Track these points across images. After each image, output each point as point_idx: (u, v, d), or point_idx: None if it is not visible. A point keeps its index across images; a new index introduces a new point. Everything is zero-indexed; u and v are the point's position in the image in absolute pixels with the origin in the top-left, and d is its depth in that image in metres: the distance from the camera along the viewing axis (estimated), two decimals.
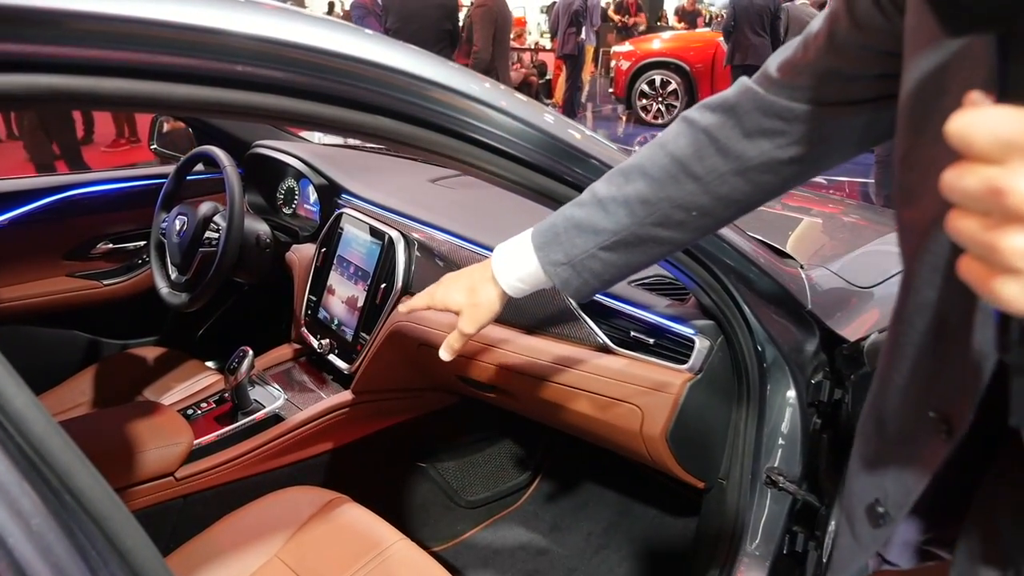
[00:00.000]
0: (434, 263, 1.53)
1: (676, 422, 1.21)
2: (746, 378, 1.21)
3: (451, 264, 1.49)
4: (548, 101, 10.65)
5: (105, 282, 2.14)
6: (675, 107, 9.27)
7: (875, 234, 1.70)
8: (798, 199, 2.17)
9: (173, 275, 1.88)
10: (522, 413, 1.56)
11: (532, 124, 0.87)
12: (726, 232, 1.05)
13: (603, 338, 1.29)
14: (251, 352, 1.58)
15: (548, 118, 0.91)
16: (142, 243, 2.17)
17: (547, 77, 11.14)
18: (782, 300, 1.17)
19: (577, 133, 0.94)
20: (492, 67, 6.03)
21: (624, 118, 10.21)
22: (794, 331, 1.20)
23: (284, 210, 2.16)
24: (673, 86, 9.22)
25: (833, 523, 1.18)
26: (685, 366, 1.21)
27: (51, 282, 2.06)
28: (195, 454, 1.47)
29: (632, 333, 1.26)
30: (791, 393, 1.24)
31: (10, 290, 1.99)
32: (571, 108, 9.51)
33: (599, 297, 1.30)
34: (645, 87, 9.38)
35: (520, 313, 1.39)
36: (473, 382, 1.51)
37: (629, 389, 1.25)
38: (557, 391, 1.34)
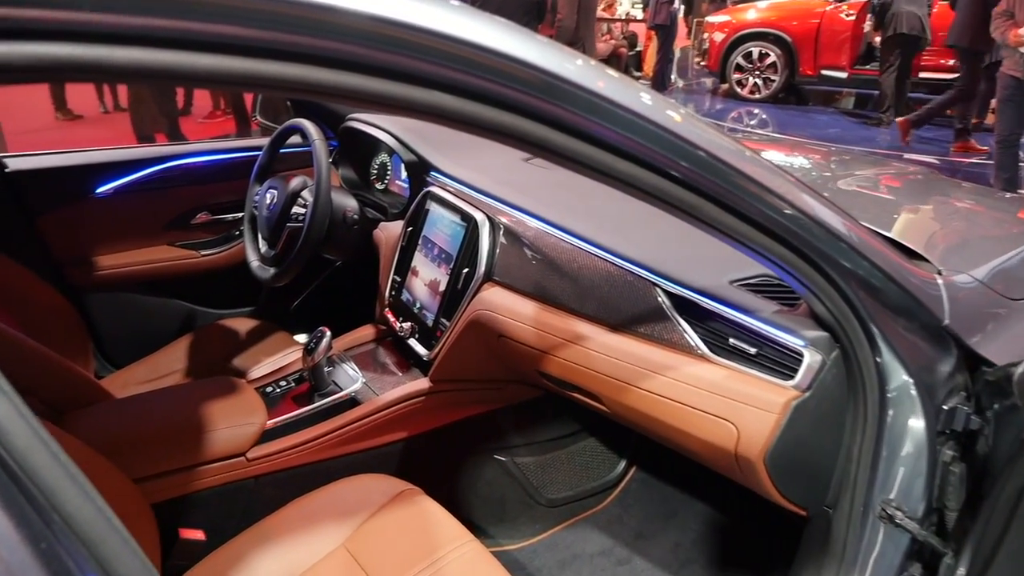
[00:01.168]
0: (520, 250, 1.43)
1: (777, 445, 1.06)
2: (864, 401, 1.04)
3: (537, 252, 1.39)
4: (638, 74, 10.27)
5: (203, 252, 2.17)
6: (773, 81, 8.69)
7: (1010, 225, 1.47)
8: (892, 177, 1.93)
9: (263, 249, 1.87)
10: (607, 416, 1.45)
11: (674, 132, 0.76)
12: (845, 228, 0.89)
13: (698, 343, 1.15)
14: (329, 333, 1.54)
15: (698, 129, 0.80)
16: (240, 214, 2.19)
17: (637, 49, 10.71)
18: (913, 312, 0.99)
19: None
20: (577, 37, 5.81)
21: (716, 92, 9.70)
22: (926, 349, 1.02)
23: (376, 186, 2.11)
24: (772, 58, 8.64)
25: (962, 571, 1.01)
26: (791, 382, 1.06)
27: (153, 251, 2.11)
28: (268, 435, 1.45)
29: (731, 340, 1.12)
30: (918, 419, 1.06)
31: (114, 257, 2.05)
32: (661, 81, 9.14)
33: (694, 296, 1.16)
34: (741, 60, 8.83)
35: (605, 307, 1.27)
36: (554, 379, 1.41)
37: (724, 403, 1.11)
38: (642, 398, 1.21)
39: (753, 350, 1.10)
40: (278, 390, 1.62)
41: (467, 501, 1.69)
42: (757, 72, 8.79)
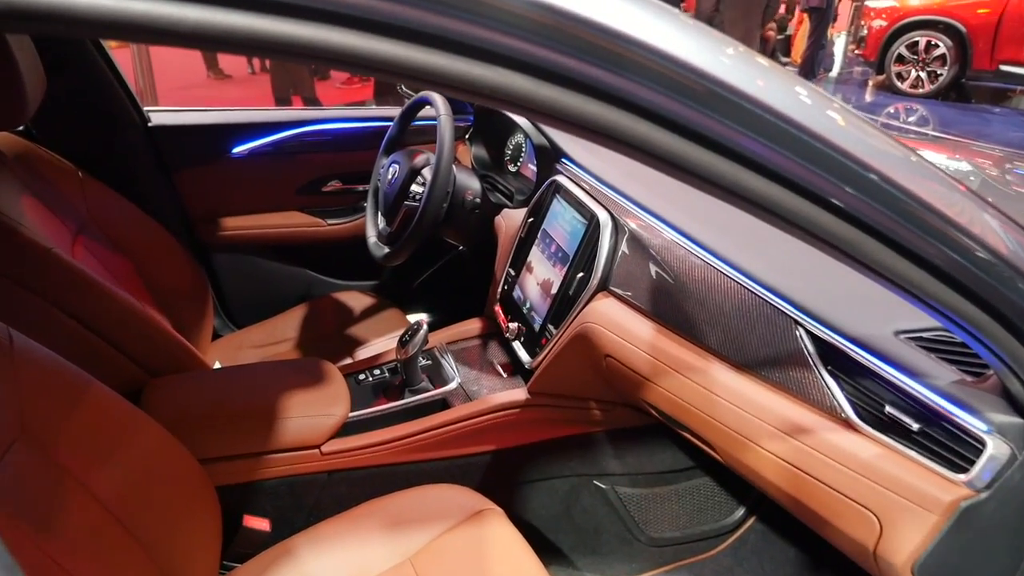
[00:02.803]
0: (643, 259, 1.23)
1: (932, 556, 0.82)
2: None
3: (662, 263, 1.19)
4: (785, 60, 9.39)
5: (329, 221, 2.13)
6: (939, 75, 7.56)
7: None
8: None
9: (381, 225, 1.79)
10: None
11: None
12: None
13: (843, 405, 0.91)
14: (426, 327, 1.42)
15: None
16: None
17: (787, 33, 9.79)
18: None
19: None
20: (714, 15, 5.30)
21: (872, 84, 8.65)
22: None
23: (509, 168, 1.97)
24: (941, 50, 7.51)
25: None
26: (964, 476, 0.80)
27: (282, 215, 2.10)
28: (348, 428, 1.35)
29: (888, 408, 0.88)
30: None
31: (244, 219, 2.05)
32: (810, 68, 8.29)
33: (846, 344, 0.92)
34: (904, 50, 7.75)
35: (732, 341, 1.05)
36: (663, 414, 1.22)
37: (868, 489, 0.87)
38: (763, 460, 1.00)
39: (916, 426, 0.85)
40: (370, 379, 1.53)
41: (558, 526, 1.53)
42: (922, 64, 7.73)
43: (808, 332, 0.97)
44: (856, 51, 8.67)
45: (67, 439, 0.95)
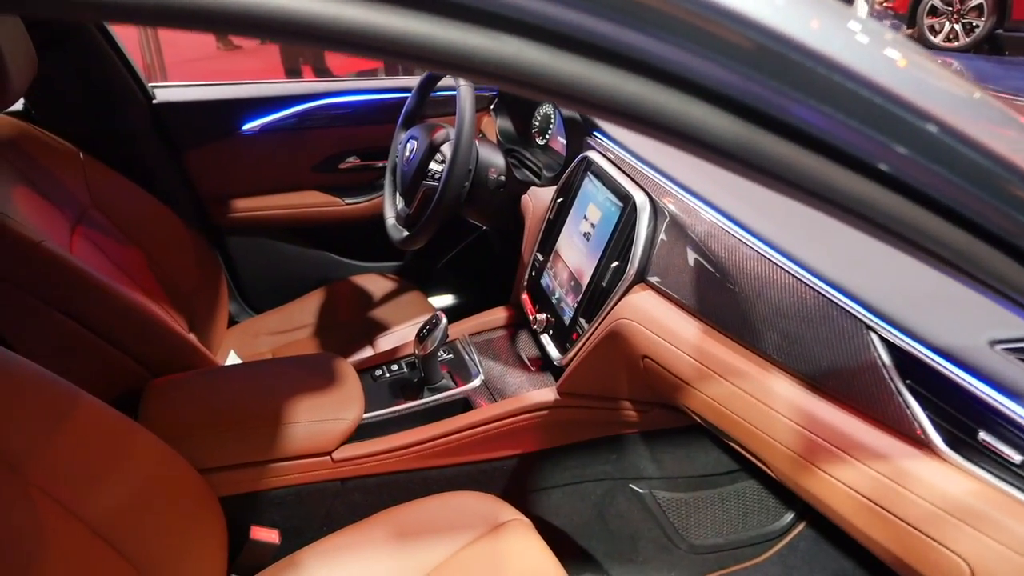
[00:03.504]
0: (685, 247, 1.09)
1: None
2: None
3: (708, 253, 1.04)
4: None
5: (347, 200, 2.02)
6: (975, 27, 7.04)
7: None
8: None
9: (399, 206, 1.67)
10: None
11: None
12: None
13: (926, 428, 0.78)
14: (445, 320, 1.30)
15: None
16: None
17: None
18: None
19: None
20: None
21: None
22: None
23: (537, 140, 1.83)
24: (977, 0, 7.01)
25: None
26: None
27: (298, 195, 1.99)
28: (362, 431, 1.25)
29: (982, 435, 0.74)
30: None
31: (258, 199, 1.95)
32: None
33: (929, 355, 0.78)
34: (937, 2, 7.27)
35: (791, 345, 0.92)
36: (708, 422, 1.09)
37: (955, 529, 0.74)
38: (828, 487, 0.86)
39: (1019, 458, 0.71)
40: (387, 376, 1.42)
41: (590, 532, 1.42)
42: (956, 15, 7.23)
43: (882, 339, 0.82)
44: (884, 3, 8.22)
45: (50, 461, 0.86)
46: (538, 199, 1.58)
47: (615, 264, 1.20)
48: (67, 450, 0.89)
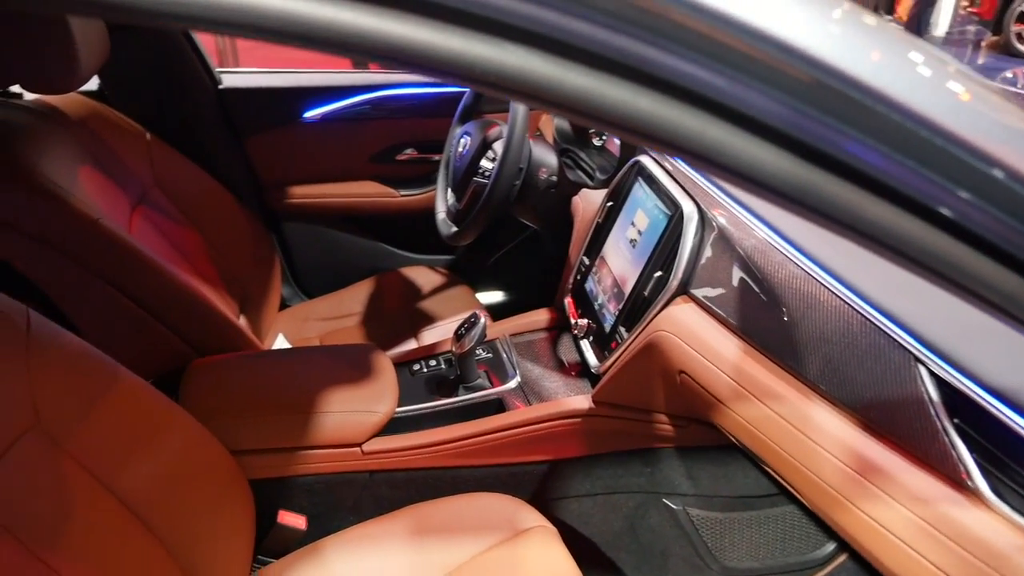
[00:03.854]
0: (732, 261, 1.05)
1: None
2: None
3: (754, 269, 1.00)
4: (889, 17, 8.52)
5: (402, 192, 2.03)
6: None
7: None
8: None
9: (450, 201, 1.67)
10: None
11: None
12: None
13: (973, 472, 0.72)
14: (483, 320, 1.30)
15: None
16: None
17: None
18: None
19: None
20: None
21: (985, 45, 7.71)
22: None
23: (594, 141, 1.80)
24: None
25: None
26: None
27: (355, 184, 2.01)
28: (394, 424, 1.25)
29: None
30: None
31: (315, 187, 1.98)
32: (917, 27, 7.50)
33: (980, 393, 0.73)
34: None
35: (833, 373, 0.87)
36: (743, 445, 1.05)
37: None
38: (863, 527, 0.82)
39: None
40: (425, 371, 1.42)
41: (619, 543, 1.39)
42: None
43: (931, 373, 0.77)
44: (969, 8, 7.83)
45: (88, 436, 0.89)
46: (588, 201, 1.56)
47: (658, 274, 1.17)
48: (105, 426, 0.92)
